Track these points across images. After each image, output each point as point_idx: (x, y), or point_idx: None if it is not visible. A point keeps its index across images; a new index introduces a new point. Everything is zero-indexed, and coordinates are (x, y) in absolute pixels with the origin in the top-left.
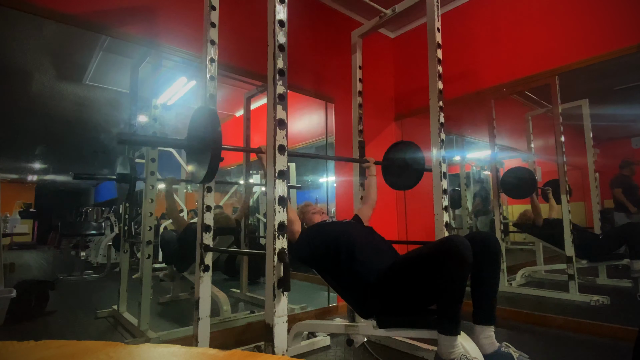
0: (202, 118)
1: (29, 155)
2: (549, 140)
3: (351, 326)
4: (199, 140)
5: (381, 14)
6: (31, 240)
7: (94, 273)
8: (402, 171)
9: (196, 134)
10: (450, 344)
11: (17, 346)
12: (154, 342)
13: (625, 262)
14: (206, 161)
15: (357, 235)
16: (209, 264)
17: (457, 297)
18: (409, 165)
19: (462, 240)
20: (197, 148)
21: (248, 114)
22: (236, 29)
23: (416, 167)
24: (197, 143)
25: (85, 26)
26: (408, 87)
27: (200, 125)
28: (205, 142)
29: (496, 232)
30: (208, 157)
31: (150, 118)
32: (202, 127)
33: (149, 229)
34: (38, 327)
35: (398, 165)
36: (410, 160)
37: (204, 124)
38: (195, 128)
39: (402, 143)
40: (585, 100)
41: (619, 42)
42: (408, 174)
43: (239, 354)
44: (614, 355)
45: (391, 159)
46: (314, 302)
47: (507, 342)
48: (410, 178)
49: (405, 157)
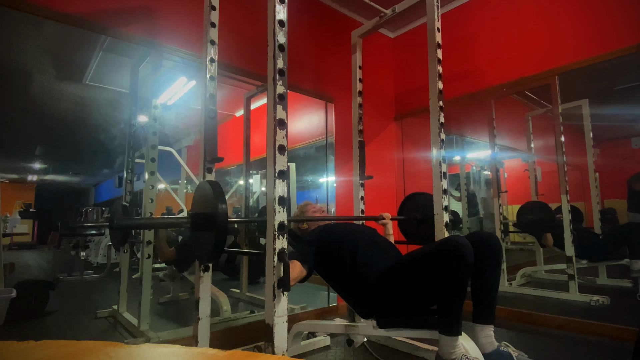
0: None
1: (29, 155)
2: (549, 140)
3: (351, 326)
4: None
5: (381, 14)
6: (31, 240)
7: (94, 273)
8: (420, 225)
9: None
10: (452, 344)
11: (17, 346)
12: (154, 342)
13: (625, 262)
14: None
15: (360, 236)
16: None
17: (459, 297)
18: (427, 217)
19: (464, 241)
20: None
21: (248, 114)
22: (236, 29)
23: None
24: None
25: (85, 26)
26: (408, 87)
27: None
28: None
29: (496, 232)
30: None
31: (150, 118)
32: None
33: (149, 229)
34: (38, 327)
35: (415, 219)
36: (428, 212)
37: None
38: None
39: (417, 195)
40: (585, 100)
41: (619, 42)
42: (427, 227)
43: (239, 354)
44: (614, 355)
45: (407, 213)
46: (314, 302)
47: (506, 342)
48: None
49: (424, 209)
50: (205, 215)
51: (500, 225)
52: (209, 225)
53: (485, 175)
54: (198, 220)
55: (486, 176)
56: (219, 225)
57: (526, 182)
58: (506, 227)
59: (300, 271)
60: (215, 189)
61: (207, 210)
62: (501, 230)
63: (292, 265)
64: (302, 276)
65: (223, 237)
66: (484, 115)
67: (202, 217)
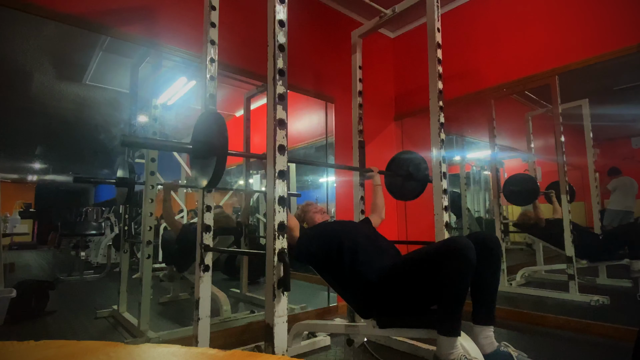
0: (208, 123)
1: (29, 155)
2: (549, 140)
3: (351, 326)
4: (205, 144)
5: (381, 14)
6: (31, 240)
7: (94, 273)
8: (405, 182)
9: (201, 139)
10: (450, 345)
11: (17, 346)
12: (154, 342)
13: (625, 262)
14: (210, 167)
15: (359, 235)
16: (209, 264)
17: (459, 298)
18: (412, 176)
19: (466, 242)
20: (202, 153)
21: (248, 114)
22: (236, 29)
23: (420, 178)
24: (202, 147)
25: (85, 26)
26: (408, 87)
27: (205, 130)
28: (210, 147)
29: (496, 232)
30: (213, 163)
31: (150, 118)
32: (208, 132)
33: (149, 229)
34: (38, 327)
35: (401, 176)
36: (414, 171)
37: (209, 129)
38: (200, 133)
39: (405, 153)
40: (585, 100)
41: (619, 42)
42: (412, 185)
43: (239, 354)
44: (614, 355)
45: (394, 169)
46: (314, 302)
47: (506, 342)
48: (414, 189)
49: (409, 168)
50: (206, 142)
51: (500, 225)
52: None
53: (485, 175)
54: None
55: (486, 176)
56: (218, 152)
57: None
58: (506, 227)
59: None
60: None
61: (208, 138)
62: (501, 230)
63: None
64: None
65: (222, 163)
66: (484, 115)
67: (204, 144)
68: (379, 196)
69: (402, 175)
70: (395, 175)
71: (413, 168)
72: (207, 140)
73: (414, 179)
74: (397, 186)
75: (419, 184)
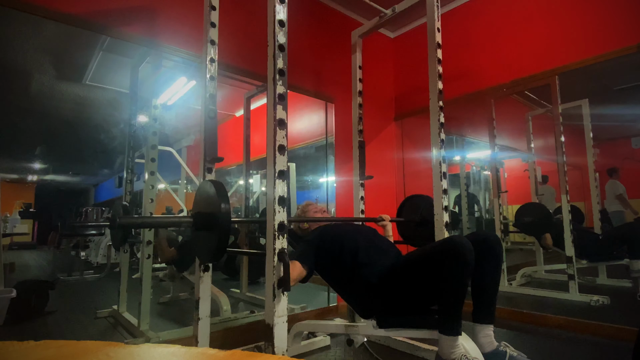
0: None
1: (29, 155)
2: (549, 140)
3: (351, 326)
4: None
5: (381, 14)
6: (31, 240)
7: (94, 273)
8: (418, 226)
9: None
10: (452, 344)
11: (17, 346)
12: (154, 342)
13: (625, 262)
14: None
15: (360, 236)
16: (209, 264)
17: (459, 297)
18: (426, 219)
19: (464, 241)
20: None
21: (248, 114)
22: (236, 29)
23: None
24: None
25: (85, 26)
26: (408, 87)
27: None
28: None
29: (496, 232)
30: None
31: (150, 118)
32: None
33: (149, 229)
34: (38, 327)
35: (413, 221)
36: (426, 214)
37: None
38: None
39: (416, 197)
40: (585, 100)
41: (619, 42)
42: (425, 229)
43: (239, 354)
44: (614, 355)
45: (406, 214)
46: (314, 302)
47: (506, 342)
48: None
49: (422, 211)
50: (208, 215)
51: (500, 225)
52: (212, 225)
53: (485, 175)
54: (200, 220)
55: (485, 176)
56: (221, 225)
57: (526, 182)
58: (506, 227)
59: (300, 272)
60: (218, 189)
61: (210, 210)
62: (501, 230)
63: (292, 265)
64: (302, 276)
65: (226, 237)
66: (484, 115)
67: (205, 216)
68: None
69: (415, 220)
70: (407, 222)
71: (426, 212)
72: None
73: (427, 222)
74: (410, 232)
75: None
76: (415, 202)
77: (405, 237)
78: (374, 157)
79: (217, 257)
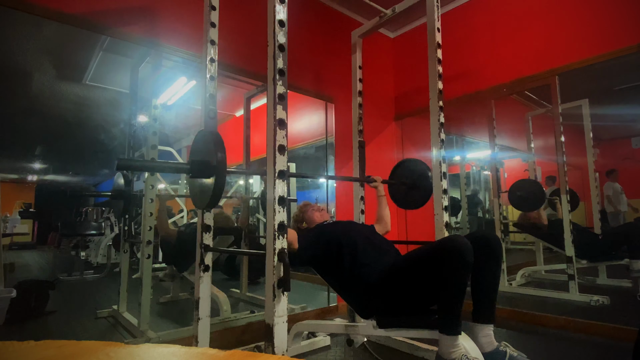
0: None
1: (29, 155)
2: (549, 140)
3: (351, 326)
4: (202, 164)
5: (381, 14)
6: (31, 240)
7: (94, 273)
8: (410, 190)
9: (199, 158)
10: (452, 344)
11: (17, 346)
12: (154, 342)
13: (625, 262)
14: (209, 187)
15: (358, 236)
16: (209, 264)
17: (458, 297)
18: (417, 184)
19: (463, 241)
20: (201, 173)
21: (248, 114)
22: (236, 29)
23: (425, 186)
24: (200, 167)
25: (85, 26)
26: (408, 87)
27: (203, 149)
28: (209, 167)
29: (496, 232)
30: (212, 185)
31: (150, 118)
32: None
33: (149, 229)
34: (38, 327)
35: (405, 184)
36: (418, 179)
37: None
38: (198, 152)
39: (408, 161)
40: (585, 100)
41: (619, 42)
42: (416, 193)
43: (239, 354)
44: (614, 355)
45: (398, 177)
46: (314, 302)
47: (506, 342)
48: (419, 198)
49: (414, 176)
50: (204, 163)
51: (500, 225)
52: (208, 172)
53: (485, 175)
54: (197, 167)
55: (485, 176)
56: (217, 172)
57: None
58: (506, 227)
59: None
60: (215, 139)
61: (206, 157)
62: (501, 230)
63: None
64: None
65: (221, 184)
66: (484, 115)
67: (201, 164)
68: (384, 207)
69: (406, 183)
70: (399, 184)
71: (418, 177)
72: (205, 159)
73: (419, 187)
74: (401, 194)
75: (425, 192)
76: (408, 166)
77: (396, 201)
78: (374, 157)
79: (212, 203)
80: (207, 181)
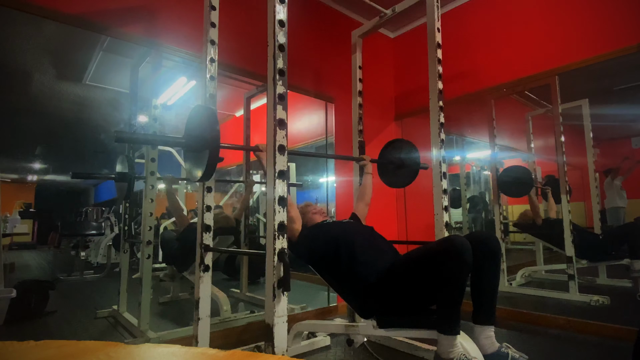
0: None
1: (29, 155)
2: (549, 140)
3: (351, 326)
4: (197, 138)
5: (381, 14)
6: (31, 240)
7: (94, 273)
8: (397, 169)
9: (194, 133)
10: (450, 344)
11: (17, 346)
12: (154, 342)
13: (625, 262)
14: (204, 160)
15: (357, 235)
16: (209, 264)
17: (457, 297)
18: (404, 163)
19: (462, 241)
20: (195, 146)
21: (248, 114)
22: (236, 29)
23: (411, 165)
24: (194, 141)
25: (85, 26)
26: (408, 87)
27: (197, 124)
28: (203, 141)
29: (496, 232)
30: (206, 156)
31: (150, 118)
32: (200, 126)
33: (149, 229)
34: (38, 327)
35: (393, 163)
36: (405, 158)
37: (201, 122)
38: (192, 126)
39: (397, 141)
40: (585, 100)
41: (619, 42)
42: (403, 172)
43: (239, 354)
44: (614, 355)
45: (387, 157)
46: (314, 302)
47: (507, 343)
48: (406, 176)
49: (401, 155)
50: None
51: (500, 225)
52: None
53: (485, 175)
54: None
55: (485, 176)
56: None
57: None
58: (506, 227)
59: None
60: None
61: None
62: (501, 230)
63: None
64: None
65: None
66: (484, 115)
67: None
68: (369, 184)
69: (393, 162)
70: (387, 163)
71: (404, 155)
72: (199, 133)
73: (405, 166)
74: (389, 173)
75: (411, 171)
76: (396, 146)
77: (384, 179)
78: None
79: (207, 176)
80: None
